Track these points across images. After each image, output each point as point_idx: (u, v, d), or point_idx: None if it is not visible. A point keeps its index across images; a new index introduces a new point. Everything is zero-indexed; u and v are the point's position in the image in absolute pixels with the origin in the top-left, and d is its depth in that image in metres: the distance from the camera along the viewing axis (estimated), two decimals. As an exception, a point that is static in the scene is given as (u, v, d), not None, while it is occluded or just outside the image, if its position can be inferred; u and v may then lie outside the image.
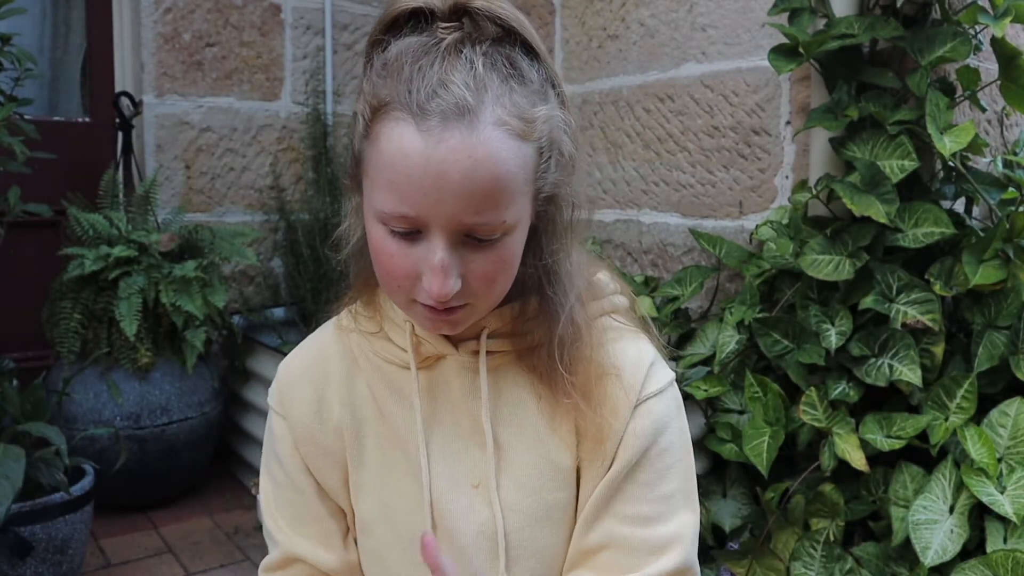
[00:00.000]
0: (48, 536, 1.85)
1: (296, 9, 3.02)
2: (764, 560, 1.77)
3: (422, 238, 0.65)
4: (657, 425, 0.76)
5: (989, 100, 1.98)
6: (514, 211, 0.66)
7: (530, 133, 0.66)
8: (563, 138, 0.71)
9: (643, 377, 0.77)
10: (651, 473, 0.75)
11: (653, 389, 0.77)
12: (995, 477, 1.50)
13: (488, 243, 0.66)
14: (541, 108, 0.67)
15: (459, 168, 0.61)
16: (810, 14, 1.83)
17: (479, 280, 0.68)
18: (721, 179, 2.23)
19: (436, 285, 0.65)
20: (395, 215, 0.64)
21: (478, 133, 0.62)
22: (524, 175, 0.66)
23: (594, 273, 0.82)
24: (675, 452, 0.77)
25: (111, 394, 2.33)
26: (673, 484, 0.76)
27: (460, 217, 0.63)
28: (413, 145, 0.62)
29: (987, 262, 1.64)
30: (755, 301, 1.88)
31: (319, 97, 3.08)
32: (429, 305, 0.68)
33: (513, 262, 0.70)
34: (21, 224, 2.41)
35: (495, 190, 0.64)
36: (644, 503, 0.75)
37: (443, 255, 0.65)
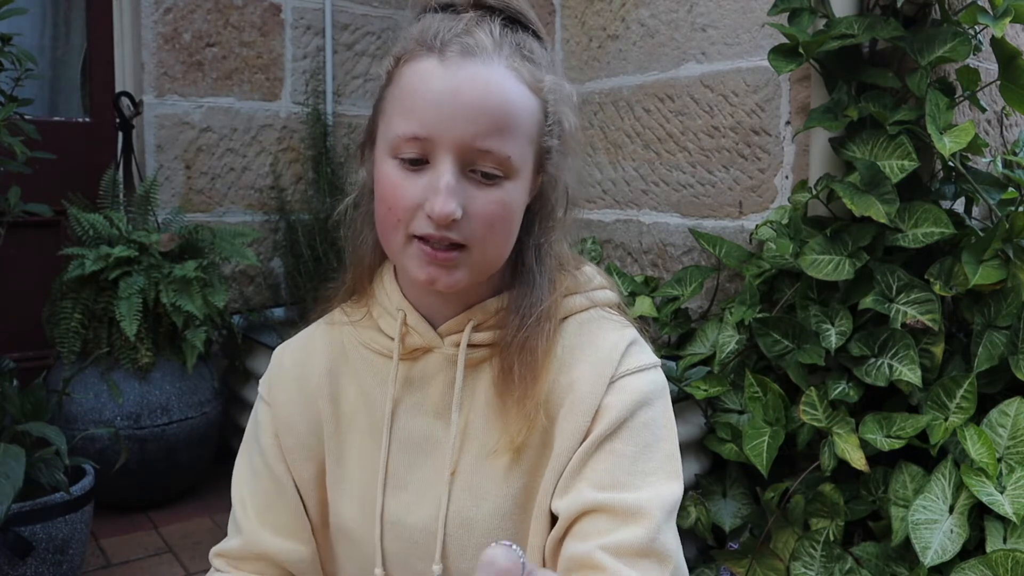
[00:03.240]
0: (48, 536, 1.85)
1: (296, 9, 3.03)
2: (764, 560, 1.77)
3: (429, 168, 0.69)
4: (637, 399, 0.74)
5: (989, 100, 1.98)
6: (518, 152, 0.70)
7: (538, 89, 0.72)
8: (567, 112, 0.76)
9: (620, 356, 0.75)
10: (630, 445, 0.73)
11: (631, 367, 0.75)
12: (995, 477, 1.50)
13: (491, 183, 0.70)
14: (549, 76, 0.74)
15: (473, 89, 0.68)
16: (810, 14, 1.83)
17: (479, 220, 0.69)
18: (721, 179, 2.23)
19: (439, 203, 0.67)
20: (407, 137, 0.68)
21: (493, 68, 0.69)
22: (530, 123, 0.72)
23: (579, 266, 0.83)
24: (657, 430, 0.74)
25: (111, 394, 2.33)
26: (653, 463, 0.72)
27: (469, 139, 0.67)
28: (433, 71, 0.69)
29: (987, 262, 1.64)
30: (755, 301, 1.88)
31: (319, 97, 3.08)
32: (426, 244, 0.69)
33: (512, 216, 0.72)
34: (21, 224, 2.41)
35: (503, 117, 0.69)
36: (621, 474, 0.72)
37: (449, 177, 0.68)
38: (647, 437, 0.73)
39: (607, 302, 0.82)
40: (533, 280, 0.77)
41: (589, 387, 0.74)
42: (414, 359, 0.79)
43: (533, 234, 0.78)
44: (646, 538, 0.68)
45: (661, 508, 0.70)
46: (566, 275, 0.80)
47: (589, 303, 0.80)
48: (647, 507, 0.69)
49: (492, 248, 0.72)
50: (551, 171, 0.77)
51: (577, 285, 0.81)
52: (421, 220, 0.69)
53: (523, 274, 0.78)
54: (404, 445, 0.78)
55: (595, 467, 0.72)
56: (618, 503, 0.69)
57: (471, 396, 0.77)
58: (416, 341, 0.79)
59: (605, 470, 0.71)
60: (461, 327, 0.77)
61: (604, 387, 0.74)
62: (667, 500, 0.71)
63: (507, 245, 0.74)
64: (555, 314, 0.77)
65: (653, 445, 0.73)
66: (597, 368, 0.75)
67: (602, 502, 0.70)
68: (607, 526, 0.69)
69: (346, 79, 3.17)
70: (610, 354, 0.75)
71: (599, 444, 0.73)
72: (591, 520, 0.70)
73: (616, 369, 0.75)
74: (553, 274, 0.79)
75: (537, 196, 0.78)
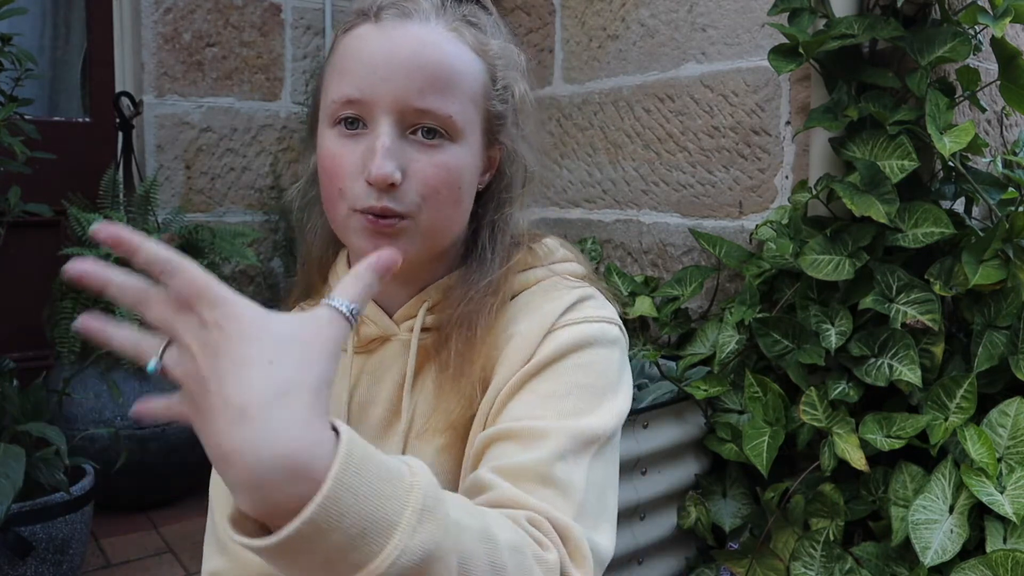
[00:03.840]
0: (48, 536, 1.85)
1: (296, 9, 3.02)
2: (764, 560, 1.77)
3: (368, 132, 0.67)
4: (571, 342, 0.69)
5: (989, 100, 1.98)
6: (460, 112, 0.68)
7: (483, 51, 0.71)
8: (517, 78, 0.74)
9: (564, 309, 0.71)
10: (554, 383, 0.67)
11: (574, 318, 0.71)
12: (995, 477, 1.50)
13: (433, 144, 0.67)
14: (496, 41, 0.73)
15: (407, 47, 0.66)
16: (810, 14, 1.83)
17: (421, 184, 0.67)
18: (721, 179, 2.23)
19: (375, 165, 0.65)
20: (343, 100, 0.67)
21: (430, 28, 0.68)
22: (473, 83, 0.69)
23: (538, 239, 0.80)
24: (590, 373, 0.68)
25: (111, 394, 2.33)
26: (577, 402, 0.66)
27: (405, 98, 0.65)
28: (368, 34, 0.68)
29: (987, 262, 1.64)
30: (755, 301, 1.88)
31: (319, 97, 3.08)
32: (369, 214, 0.66)
33: (457, 181, 0.69)
34: (21, 224, 2.41)
35: (441, 73, 0.67)
36: (537, 408, 0.66)
37: (385, 138, 0.65)
38: (577, 378, 0.68)
39: (570, 272, 0.78)
40: (485, 257, 0.74)
41: (527, 340, 0.70)
42: (371, 351, 0.77)
43: (488, 212, 0.75)
44: (542, 462, 0.61)
45: (571, 436, 0.63)
46: (522, 250, 0.76)
47: (549, 275, 0.76)
48: (552, 432, 0.63)
49: (437, 216, 0.68)
50: (505, 142, 0.74)
51: (536, 259, 0.77)
52: (362, 191, 0.66)
53: (475, 251, 0.75)
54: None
55: (513, 406, 0.67)
56: (522, 428, 0.64)
57: (424, 381, 0.74)
58: (372, 331, 0.76)
59: (523, 404, 0.67)
60: (415, 311, 0.75)
61: (541, 337, 0.70)
62: (581, 431, 0.64)
63: (455, 214, 0.71)
64: (501, 289, 0.73)
65: (584, 387, 0.67)
66: (539, 321, 0.71)
67: (507, 428, 0.65)
68: (508, 450, 0.64)
69: (346, 79, 3.17)
70: (554, 308, 0.71)
71: (522, 383, 0.68)
72: (495, 447, 0.65)
73: (556, 320, 0.70)
74: (507, 251, 0.75)
75: (495, 173, 0.76)
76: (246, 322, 0.44)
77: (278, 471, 0.41)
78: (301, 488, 0.42)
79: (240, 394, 0.42)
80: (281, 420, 0.42)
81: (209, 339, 0.43)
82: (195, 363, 0.44)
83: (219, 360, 0.43)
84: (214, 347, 0.43)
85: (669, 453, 1.87)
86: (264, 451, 0.41)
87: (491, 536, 0.51)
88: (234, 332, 0.43)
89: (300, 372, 0.43)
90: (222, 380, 0.42)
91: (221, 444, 0.42)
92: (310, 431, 0.42)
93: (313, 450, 0.42)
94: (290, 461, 0.41)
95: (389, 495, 0.45)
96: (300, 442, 0.42)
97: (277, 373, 0.43)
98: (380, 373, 0.76)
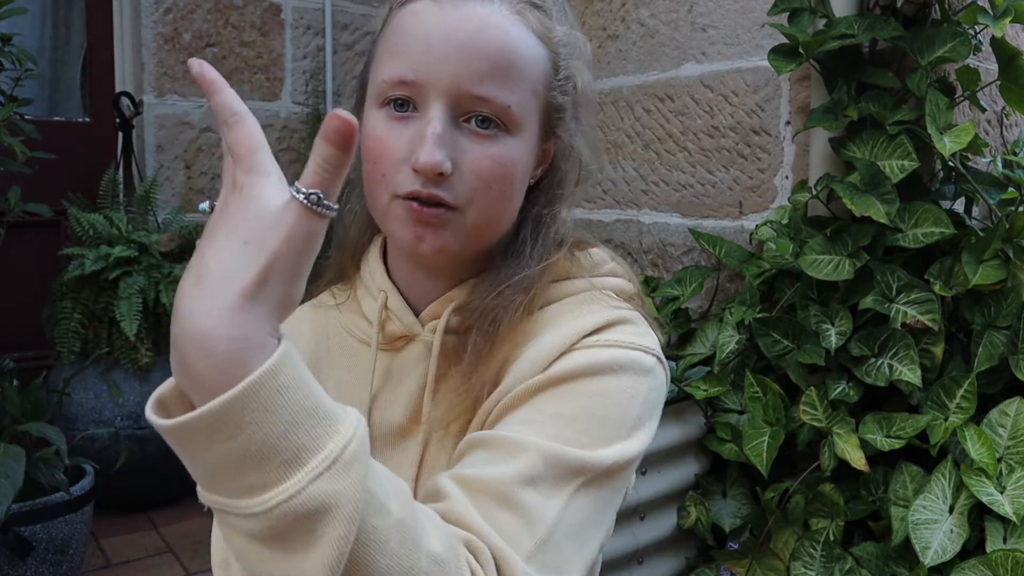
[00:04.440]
0: (48, 536, 1.85)
1: (296, 9, 3.02)
2: (764, 560, 1.77)
3: (418, 117, 0.62)
4: (592, 363, 0.61)
5: (989, 100, 1.98)
6: (519, 103, 0.62)
7: (547, 38, 0.65)
8: (581, 68, 0.69)
9: (596, 327, 0.64)
10: (558, 405, 0.59)
11: (604, 339, 0.63)
12: (995, 477, 1.50)
13: (488, 135, 0.62)
14: (561, 27, 0.67)
15: (467, 28, 0.61)
16: (810, 14, 1.83)
17: (472, 177, 0.62)
18: (721, 179, 2.23)
19: (424, 153, 0.59)
20: (395, 80, 0.62)
21: (493, 8, 0.62)
22: (535, 72, 0.64)
23: (585, 247, 0.73)
24: (607, 405, 0.60)
25: (111, 394, 2.33)
26: (579, 431, 0.58)
27: (462, 83, 0.60)
28: (425, 11, 0.62)
29: (987, 262, 1.64)
30: (755, 301, 1.88)
31: (319, 97, 3.08)
32: (412, 201, 0.61)
33: (511, 176, 0.63)
34: (21, 224, 2.41)
35: (501, 60, 0.61)
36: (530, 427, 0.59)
37: (437, 124, 0.60)
38: (590, 405, 0.60)
39: (615, 289, 0.70)
40: (522, 251, 0.68)
41: (543, 351, 0.63)
42: (396, 349, 0.71)
43: (536, 207, 0.69)
44: (507, 480, 0.54)
45: (551, 459, 0.55)
46: (563, 253, 0.70)
47: (589, 288, 0.69)
48: (530, 449, 0.55)
49: (486, 212, 0.63)
50: (563, 136, 0.69)
51: (578, 268, 0.70)
52: (407, 176, 0.61)
53: (513, 245, 0.69)
54: (374, 442, 0.70)
55: (511, 418, 0.60)
56: (499, 437, 0.57)
57: (445, 385, 0.68)
58: (396, 328, 0.70)
59: (519, 418, 0.60)
60: (441, 310, 0.69)
61: (559, 352, 0.62)
62: (566, 456, 0.56)
63: (504, 211, 0.65)
64: (533, 288, 0.66)
65: (594, 418, 0.59)
66: (563, 335, 0.63)
67: (486, 435, 0.59)
68: (477, 459, 0.57)
69: (346, 79, 3.17)
70: (583, 325, 0.64)
71: (527, 396, 0.61)
72: (469, 453, 0.59)
73: (582, 338, 0.63)
74: (547, 249, 0.69)
75: (548, 168, 0.70)
76: (254, 201, 0.44)
77: (198, 350, 0.42)
78: (217, 378, 0.42)
79: (208, 260, 0.43)
80: (223, 301, 0.42)
81: (229, 198, 0.45)
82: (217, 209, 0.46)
83: (220, 220, 0.45)
84: (226, 206, 0.45)
85: (669, 453, 1.87)
86: (196, 323, 0.42)
87: (413, 536, 0.47)
88: (244, 203, 0.44)
89: (260, 262, 0.43)
90: (210, 238, 0.44)
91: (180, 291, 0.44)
92: (242, 327, 0.42)
93: (239, 346, 0.42)
94: (209, 346, 0.42)
95: (306, 429, 0.43)
96: (226, 331, 0.42)
97: (241, 257, 0.43)
98: (402, 375, 0.70)
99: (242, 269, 0.43)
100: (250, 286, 0.43)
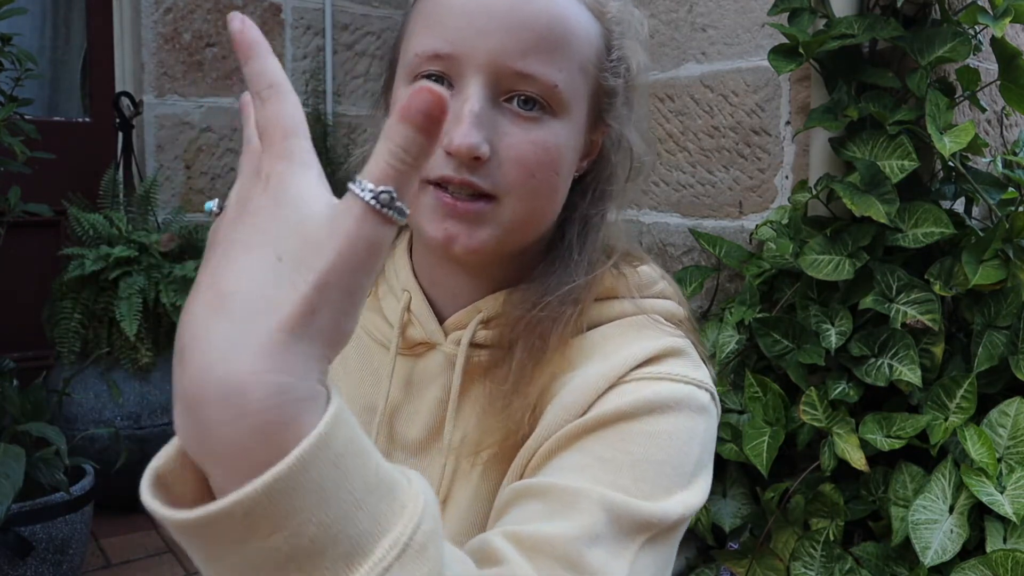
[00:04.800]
0: (48, 536, 1.85)
1: (296, 9, 3.02)
2: (764, 560, 1.77)
3: (454, 94, 0.55)
4: (644, 402, 0.54)
5: (989, 100, 1.98)
6: (567, 82, 0.56)
7: (600, 12, 0.59)
8: (636, 49, 0.62)
9: (644, 358, 0.57)
10: (617, 450, 0.52)
11: (653, 372, 0.56)
12: (995, 477, 1.50)
13: (531, 117, 0.55)
14: (615, 1, 0.61)
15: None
16: (810, 14, 1.83)
17: (512, 163, 0.55)
18: (721, 179, 2.23)
19: (459, 134, 0.53)
20: (429, 53, 0.55)
21: None
22: (585, 49, 0.57)
23: (635, 263, 0.65)
24: (664, 447, 0.53)
25: (111, 394, 2.33)
26: (636, 479, 0.51)
27: (503, 57, 0.54)
28: None
29: (987, 262, 1.64)
30: (755, 301, 1.88)
31: (319, 97, 3.08)
32: (444, 192, 0.55)
33: (556, 164, 0.56)
34: (21, 224, 2.41)
35: (550, 32, 0.54)
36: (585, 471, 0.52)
37: (475, 102, 0.53)
38: (646, 449, 0.52)
39: (664, 313, 0.62)
40: (570, 257, 0.61)
41: (586, 386, 0.56)
42: (416, 355, 0.65)
43: (582, 205, 0.62)
44: (571, 539, 0.46)
45: (613, 511, 0.48)
46: (610, 267, 0.62)
47: (637, 311, 0.61)
48: (588, 499, 0.48)
49: (527, 203, 0.56)
50: (613, 124, 0.62)
51: (625, 287, 0.62)
52: (438, 159, 0.54)
53: (559, 249, 0.62)
54: (389, 457, 0.62)
55: (555, 463, 0.53)
56: (552, 486, 0.50)
57: (470, 401, 0.61)
58: (417, 334, 0.64)
59: (566, 463, 0.53)
60: (467, 320, 0.62)
61: (605, 386, 0.55)
62: (629, 508, 0.49)
63: (548, 204, 0.58)
64: (584, 300, 0.59)
65: (652, 463, 0.52)
66: (608, 366, 0.56)
67: (536, 484, 0.51)
68: (531, 512, 0.49)
69: (346, 79, 3.17)
70: (631, 354, 0.57)
71: (572, 439, 0.54)
72: (518, 504, 0.51)
73: (631, 370, 0.56)
74: (596, 257, 0.62)
75: (595, 160, 0.63)
76: (291, 200, 0.34)
77: (225, 406, 0.31)
78: (253, 448, 0.31)
79: (229, 280, 0.32)
80: (256, 338, 0.31)
81: (253, 192, 0.35)
82: (230, 208, 0.35)
83: (241, 223, 0.34)
84: (247, 205, 0.35)
85: (669, 453, 1.87)
86: (222, 367, 0.31)
87: None
88: (275, 202, 0.34)
89: (305, 285, 0.32)
90: (227, 249, 0.34)
91: (192, 321, 0.32)
92: (285, 374, 0.31)
93: (281, 400, 0.31)
94: (242, 401, 0.30)
95: (368, 509, 0.33)
96: (265, 380, 0.31)
97: (277, 277, 0.32)
98: (421, 386, 0.64)
99: (282, 294, 0.32)
100: (293, 317, 0.32)
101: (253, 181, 0.36)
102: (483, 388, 0.61)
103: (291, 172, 0.35)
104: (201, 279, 0.34)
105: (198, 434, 0.32)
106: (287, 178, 0.35)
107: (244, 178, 0.37)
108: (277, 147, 0.35)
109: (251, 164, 0.36)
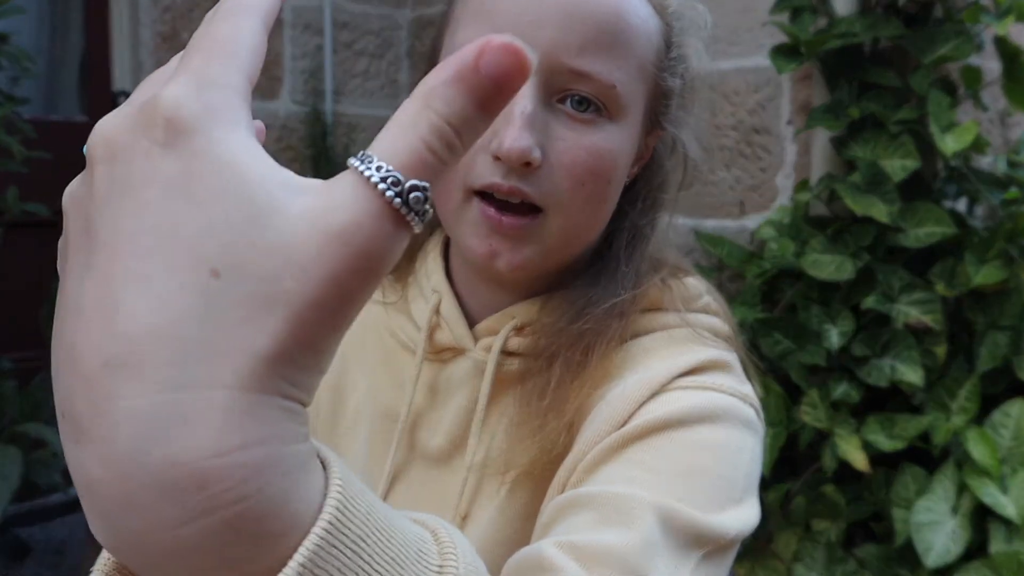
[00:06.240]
0: (46, 537, 1.84)
1: (295, 8, 3.02)
2: (765, 561, 1.76)
3: None
4: (690, 409, 0.50)
5: (991, 99, 1.97)
6: (626, 82, 0.52)
7: (661, 7, 0.55)
8: (697, 47, 0.59)
9: (687, 367, 0.54)
10: (667, 460, 0.48)
11: (696, 382, 0.53)
12: (997, 478, 1.49)
13: (586, 120, 0.51)
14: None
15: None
16: (811, 13, 1.83)
17: (564, 171, 0.51)
18: (722, 179, 2.22)
19: (509, 137, 0.48)
20: None
21: None
22: (645, 47, 0.53)
23: (681, 275, 0.61)
24: (715, 459, 0.49)
25: (110, 394, 2.33)
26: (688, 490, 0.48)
27: (559, 53, 0.49)
28: None
29: (989, 262, 1.63)
30: (756, 301, 1.88)
31: (318, 96, 3.07)
32: (491, 205, 0.51)
33: (610, 173, 0.52)
34: (20, 224, 2.41)
35: (609, 27, 0.50)
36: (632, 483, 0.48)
37: (526, 103, 0.49)
38: (697, 459, 0.49)
39: (709, 328, 0.59)
40: (617, 269, 0.57)
41: (628, 394, 0.52)
42: (442, 361, 0.61)
43: (632, 213, 0.58)
44: (631, 549, 0.43)
45: (670, 519, 0.45)
46: (658, 282, 0.58)
47: (682, 325, 0.57)
48: (643, 507, 0.45)
49: (576, 217, 0.52)
50: (669, 128, 0.58)
51: (670, 300, 0.58)
52: (485, 165, 0.50)
53: (604, 258, 0.58)
54: (409, 466, 0.62)
55: (599, 474, 0.50)
56: (603, 494, 0.46)
57: (498, 412, 0.58)
58: (445, 338, 0.60)
59: (612, 472, 0.49)
60: (499, 327, 0.58)
61: (648, 395, 0.52)
62: (685, 518, 0.45)
63: (596, 217, 0.54)
64: (629, 314, 0.56)
65: (704, 472, 0.49)
66: (650, 375, 0.53)
67: (586, 494, 0.47)
68: (584, 521, 0.46)
69: (345, 78, 3.17)
70: (675, 364, 0.54)
71: (616, 449, 0.50)
72: (568, 515, 0.47)
73: (674, 379, 0.53)
74: (644, 268, 0.58)
75: (647, 165, 0.59)
76: (217, 167, 0.22)
77: (178, 505, 0.21)
78: (226, 550, 0.22)
79: (137, 307, 0.21)
80: (208, 401, 0.21)
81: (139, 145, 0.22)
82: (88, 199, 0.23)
83: (132, 200, 0.22)
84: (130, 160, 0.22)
85: (670, 454, 1.86)
86: (159, 452, 0.21)
87: None
88: (186, 170, 0.22)
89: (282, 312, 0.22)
90: (117, 248, 0.22)
91: (82, 382, 0.21)
92: (261, 443, 0.21)
93: (261, 484, 0.21)
94: (203, 494, 0.21)
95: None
96: (232, 461, 0.21)
97: (219, 305, 0.21)
98: (447, 393, 0.60)
99: (236, 334, 0.21)
100: (259, 370, 0.21)
101: (144, 126, 0.22)
102: (513, 398, 0.57)
103: (216, 121, 0.22)
104: (81, 301, 0.22)
105: (132, 541, 0.22)
106: (213, 131, 0.22)
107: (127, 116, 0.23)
108: (205, 74, 0.23)
109: (143, 95, 0.23)
